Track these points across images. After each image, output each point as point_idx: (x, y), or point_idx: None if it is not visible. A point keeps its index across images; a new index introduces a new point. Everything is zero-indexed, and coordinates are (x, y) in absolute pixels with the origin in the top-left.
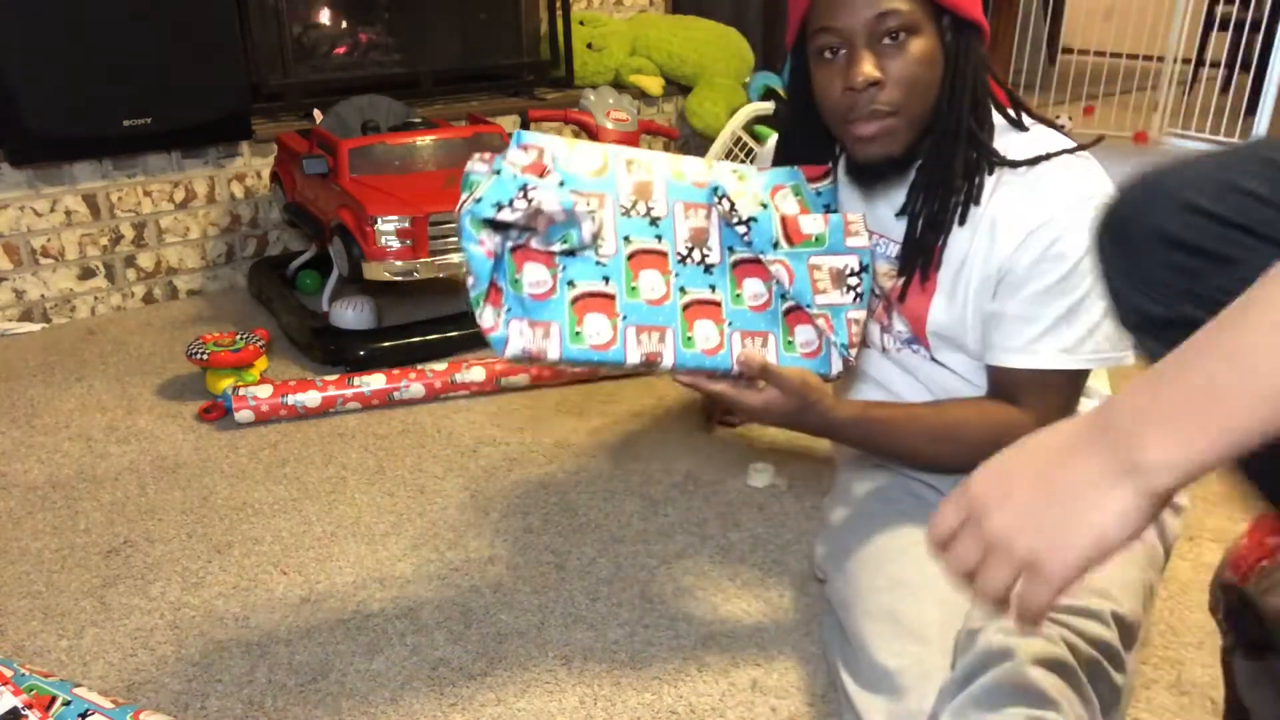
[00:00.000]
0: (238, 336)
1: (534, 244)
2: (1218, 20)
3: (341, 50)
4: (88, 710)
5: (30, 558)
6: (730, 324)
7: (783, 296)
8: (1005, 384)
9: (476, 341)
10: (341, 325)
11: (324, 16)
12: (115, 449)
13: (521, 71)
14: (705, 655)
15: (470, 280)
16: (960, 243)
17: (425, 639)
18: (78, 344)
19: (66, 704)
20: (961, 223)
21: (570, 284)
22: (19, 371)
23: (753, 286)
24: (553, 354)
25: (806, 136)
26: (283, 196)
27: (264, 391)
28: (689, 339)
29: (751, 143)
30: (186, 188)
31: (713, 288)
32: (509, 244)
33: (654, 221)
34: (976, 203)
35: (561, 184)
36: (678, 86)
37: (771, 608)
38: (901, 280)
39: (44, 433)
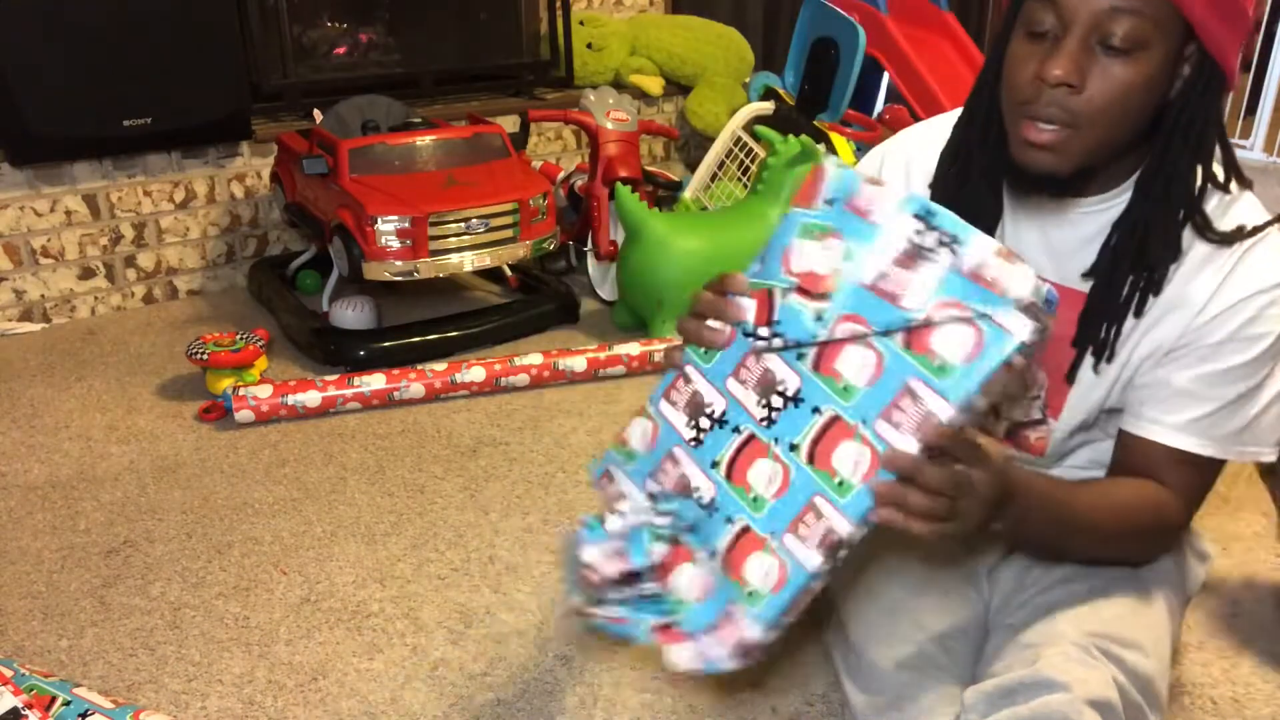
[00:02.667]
0: (238, 336)
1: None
2: None
3: (341, 50)
4: (88, 710)
5: (30, 558)
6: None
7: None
8: (1147, 460)
9: (476, 342)
10: (341, 325)
11: (324, 16)
12: (115, 449)
13: (521, 71)
14: None
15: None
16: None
17: (425, 639)
18: (78, 344)
19: (66, 704)
20: (1138, 315)
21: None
22: (19, 371)
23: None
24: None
25: (988, 111)
26: (283, 196)
27: (264, 391)
28: (841, 485)
29: (751, 143)
30: (186, 188)
31: (817, 410)
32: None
33: (721, 422)
34: (1156, 294)
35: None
36: (678, 86)
37: None
38: (1072, 356)
39: (44, 433)
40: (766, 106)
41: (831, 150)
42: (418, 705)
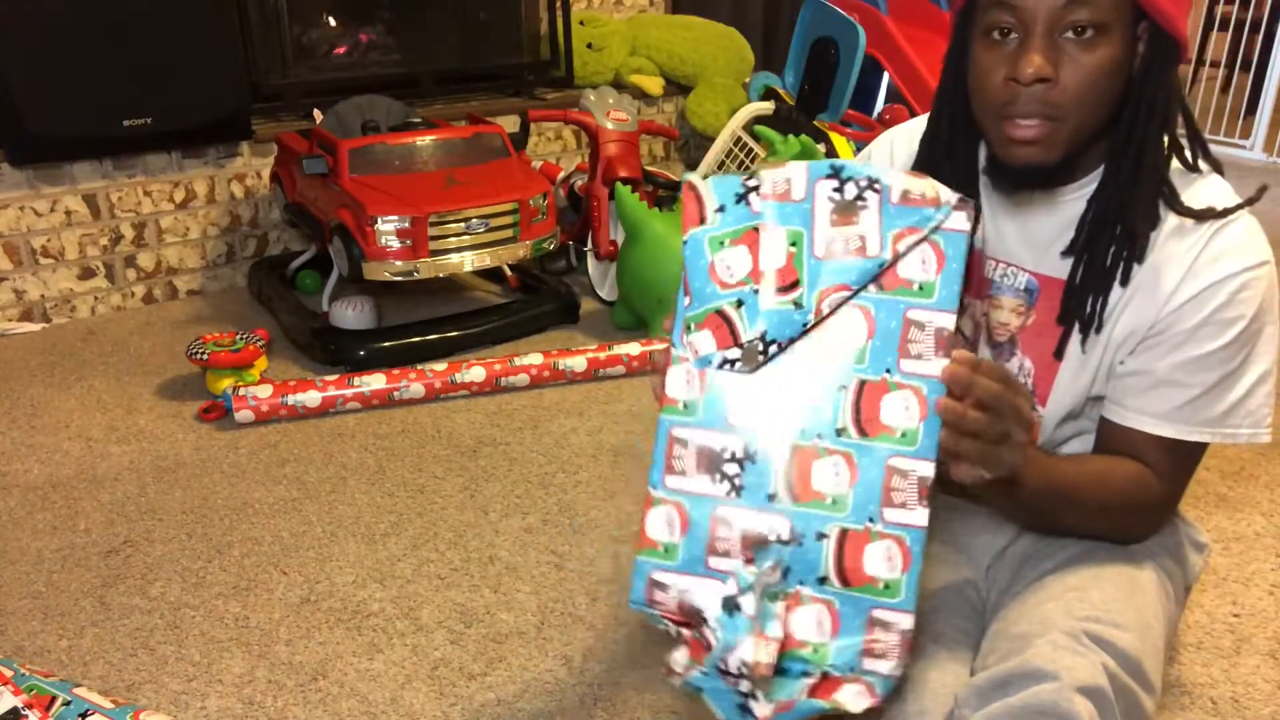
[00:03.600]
0: (238, 336)
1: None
2: (1218, 20)
3: (341, 50)
4: (88, 710)
5: (30, 558)
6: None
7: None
8: (1130, 444)
9: (476, 342)
10: (341, 325)
11: (324, 16)
12: (115, 449)
13: (521, 71)
14: None
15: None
16: (1112, 294)
17: (425, 639)
18: (78, 344)
19: (66, 704)
20: (1124, 283)
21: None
22: (19, 371)
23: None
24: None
25: (952, 122)
26: (283, 196)
27: (264, 391)
28: (904, 435)
29: (751, 143)
30: (186, 188)
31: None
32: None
33: (751, 458)
34: (1140, 261)
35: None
36: (678, 86)
37: None
38: (1059, 336)
39: (44, 433)
40: (766, 106)
41: (831, 150)
42: (418, 705)
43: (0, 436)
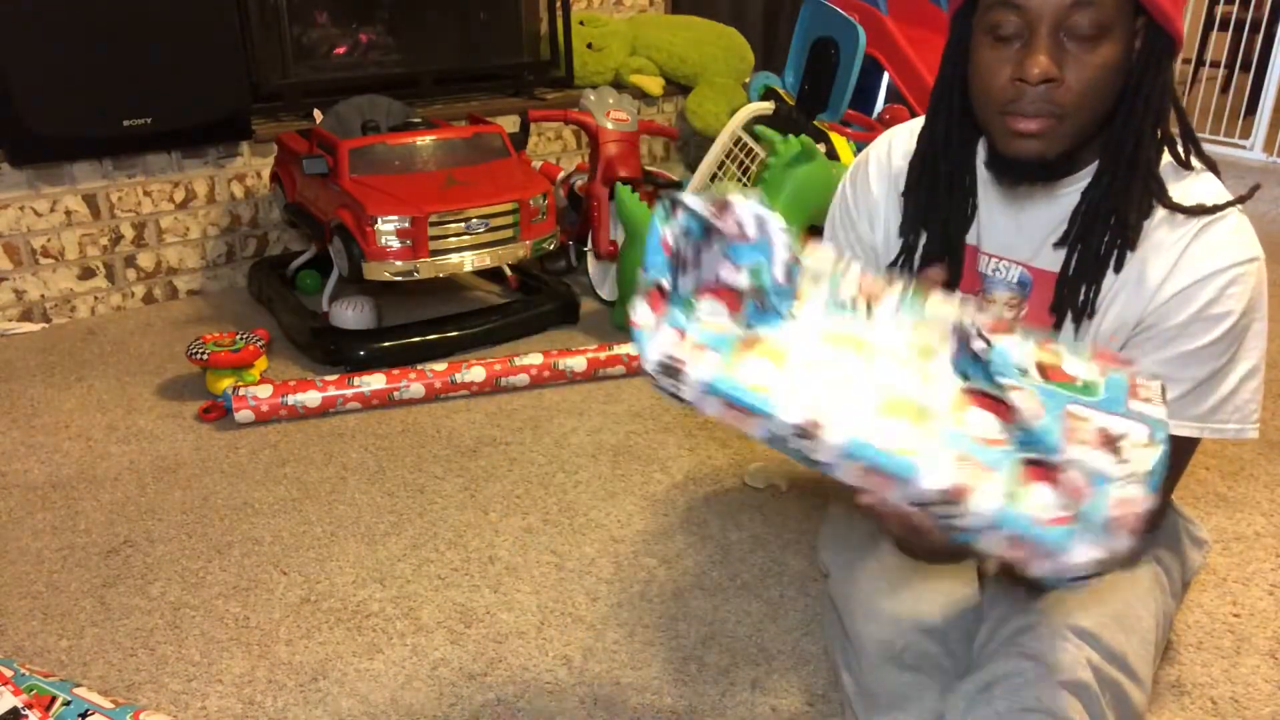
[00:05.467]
0: (238, 336)
1: (720, 268)
2: (1218, 20)
3: (341, 50)
4: (88, 710)
5: (30, 558)
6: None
7: (1024, 442)
8: None
9: (476, 342)
10: (341, 325)
11: (324, 17)
12: (115, 449)
13: (521, 71)
14: (705, 655)
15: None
16: (1104, 284)
17: (425, 639)
18: (78, 344)
19: (66, 704)
20: (1118, 270)
21: (748, 326)
22: (19, 371)
23: (982, 419)
24: (695, 375)
25: (950, 119)
26: (283, 196)
27: (264, 391)
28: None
29: (751, 143)
30: (186, 188)
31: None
32: (696, 271)
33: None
34: (1133, 249)
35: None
36: (678, 86)
37: (771, 608)
38: (1051, 327)
39: (44, 433)
40: (766, 106)
41: (831, 150)
42: (418, 705)
43: (0, 436)
